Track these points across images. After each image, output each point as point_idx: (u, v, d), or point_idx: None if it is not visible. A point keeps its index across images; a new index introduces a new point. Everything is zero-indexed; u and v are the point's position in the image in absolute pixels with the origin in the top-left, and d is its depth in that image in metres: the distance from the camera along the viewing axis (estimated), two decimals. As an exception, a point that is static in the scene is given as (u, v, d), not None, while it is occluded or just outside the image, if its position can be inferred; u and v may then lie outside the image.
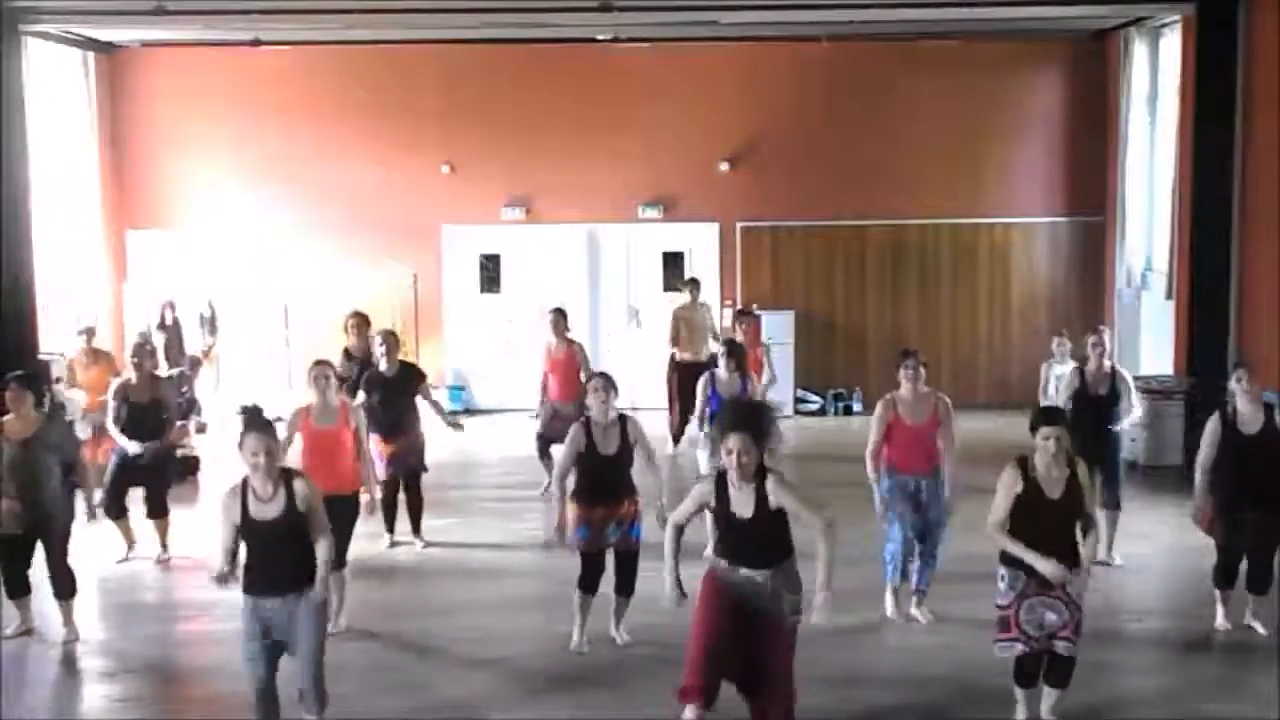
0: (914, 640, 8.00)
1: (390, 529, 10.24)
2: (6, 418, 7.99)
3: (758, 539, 5.80)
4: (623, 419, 7.69)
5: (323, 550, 6.03)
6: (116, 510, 9.83)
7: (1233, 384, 7.83)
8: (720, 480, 5.84)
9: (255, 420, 6.02)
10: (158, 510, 10.01)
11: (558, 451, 8.84)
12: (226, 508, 6.02)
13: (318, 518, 6.07)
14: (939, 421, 8.14)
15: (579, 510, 7.64)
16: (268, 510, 5.96)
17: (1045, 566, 6.16)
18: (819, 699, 6.57)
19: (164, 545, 10.01)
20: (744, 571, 5.81)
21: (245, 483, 6.00)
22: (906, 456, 8.14)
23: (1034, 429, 6.32)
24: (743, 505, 5.77)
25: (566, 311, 12.00)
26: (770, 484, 5.74)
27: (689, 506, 6.05)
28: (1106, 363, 9.47)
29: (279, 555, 5.98)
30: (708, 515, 6.17)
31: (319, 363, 8.37)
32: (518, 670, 7.57)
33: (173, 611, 9.11)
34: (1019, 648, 6.36)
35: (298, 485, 6.02)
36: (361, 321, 10.92)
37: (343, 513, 7.89)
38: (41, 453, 7.93)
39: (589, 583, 7.75)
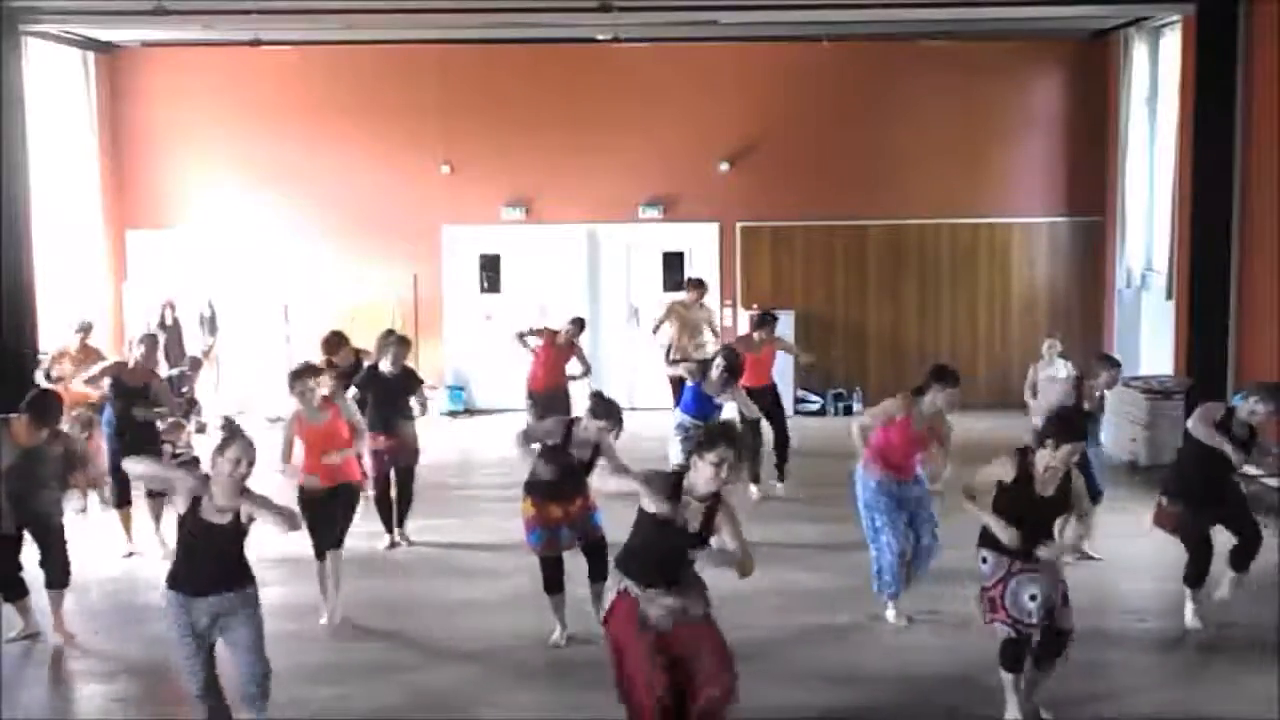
0: (914, 640, 7.99)
1: (389, 529, 10.30)
2: (14, 419, 7.97)
3: (684, 558, 5.78)
4: (569, 422, 7.81)
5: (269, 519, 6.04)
6: (120, 499, 9.91)
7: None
8: (677, 487, 5.73)
9: (239, 432, 6.17)
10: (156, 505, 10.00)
11: None
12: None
13: (259, 503, 6.04)
14: (936, 434, 8.17)
15: (534, 511, 7.77)
16: (219, 517, 5.98)
17: (1005, 534, 6.31)
18: (819, 698, 6.57)
19: (163, 542, 9.95)
20: (652, 593, 5.74)
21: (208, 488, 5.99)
22: (895, 457, 8.14)
23: (1041, 443, 6.42)
24: (694, 519, 5.71)
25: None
26: (723, 514, 5.72)
27: (633, 484, 5.91)
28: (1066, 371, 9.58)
29: (214, 558, 6.03)
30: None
31: (296, 376, 8.59)
32: (516, 669, 7.58)
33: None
34: (1006, 630, 6.43)
35: (244, 505, 6.00)
36: (338, 342, 11.35)
37: (346, 498, 8.48)
38: (41, 464, 7.96)
39: (552, 585, 7.89)
